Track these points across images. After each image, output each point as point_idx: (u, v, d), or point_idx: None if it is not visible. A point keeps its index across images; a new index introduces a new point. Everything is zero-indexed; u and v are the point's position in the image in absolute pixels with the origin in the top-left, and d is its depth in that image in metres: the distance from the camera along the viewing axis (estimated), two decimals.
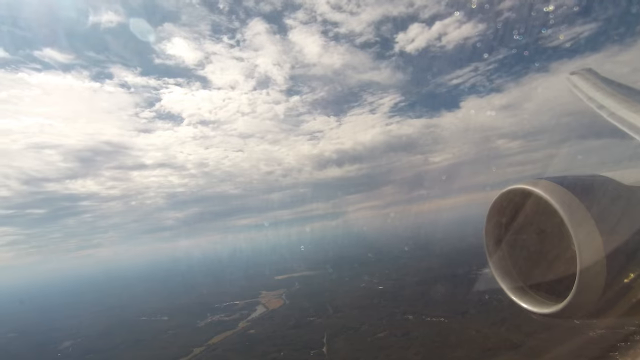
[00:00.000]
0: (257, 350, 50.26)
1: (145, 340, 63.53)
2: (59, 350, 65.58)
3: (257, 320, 66.97)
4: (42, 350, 66.70)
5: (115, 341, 65.35)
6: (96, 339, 68.71)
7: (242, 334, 59.90)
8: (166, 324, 72.89)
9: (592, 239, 2.20)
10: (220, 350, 53.52)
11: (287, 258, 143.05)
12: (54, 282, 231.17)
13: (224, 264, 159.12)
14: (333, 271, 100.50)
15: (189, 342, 59.07)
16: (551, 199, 2.37)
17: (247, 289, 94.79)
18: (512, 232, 2.88)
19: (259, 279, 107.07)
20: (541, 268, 2.76)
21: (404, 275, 79.29)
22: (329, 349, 47.32)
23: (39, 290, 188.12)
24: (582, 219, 2.25)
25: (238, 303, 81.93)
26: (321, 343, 49.69)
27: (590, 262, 2.19)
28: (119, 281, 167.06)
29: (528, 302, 2.68)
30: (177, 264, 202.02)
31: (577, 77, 7.85)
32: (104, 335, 69.88)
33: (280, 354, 47.91)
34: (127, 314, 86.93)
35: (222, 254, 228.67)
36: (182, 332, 65.80)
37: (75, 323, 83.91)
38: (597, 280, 2.22)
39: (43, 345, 68.94)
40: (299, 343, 50.74)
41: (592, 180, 2.64)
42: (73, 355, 62.16)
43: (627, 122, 5.09)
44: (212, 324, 69.41)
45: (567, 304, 2.31)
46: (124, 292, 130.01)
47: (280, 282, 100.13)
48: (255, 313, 72.46)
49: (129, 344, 62.66)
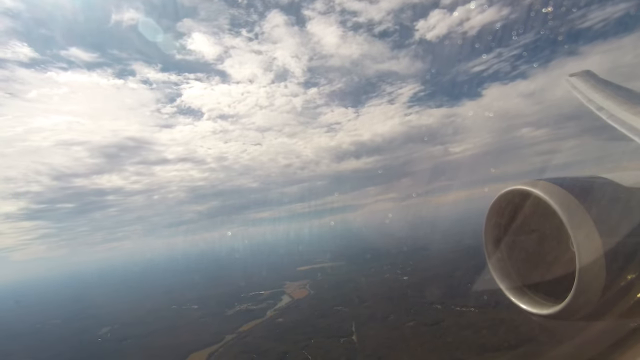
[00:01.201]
0: (287, 338, 51.53)
1: (178, 327, 66.21)
2: (98, 336, 69.37)
3: (284, 310, 68.52)
4: (83, 335, 70.72)
5: (150, 328, 68.49)
6: (131, 326, 72.23)
7: (271, 323, 61.50)
8: (196, 313, 75.68)
9: (591, 240, 2.20)
10: (251, 338, 55.23)
11: (307, 250, 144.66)
12: (84, 273, 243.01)
13: (245, 256, 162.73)
14: (355, 263, 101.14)
15: (220, 329, 61.20)
16: (550, 200, 2.35)
17: (271, 279, 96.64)
18: (511, 233, 2.88)
19: (282, 270, 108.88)
20: (540, 269, 2.76)
21: (429, 266, 78.70)
22: (359, 337, 47.96)
23: (71, 280, 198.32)
24: (582, 220, 2.25)
25: (263, 293, 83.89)
26: (350, 331, 50.41)
27: (589, 263, 2.19)
28: (145, 272, 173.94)
29: (527, 303, 2.65)
30: (199, 256, 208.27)
31: (576, 79, 7.88)
32: (139, 323, 73.34)
33: (310, 341, 48.94)
34: (158, 303, 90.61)
35: (242, 246, 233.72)
36: (213, 320, 68.19)
37: (109, 311, 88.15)
38: (597, 282, 2.21)
39: (84, 331, 73.09)
40: (328, 331, 51.62)
41: (592, 182, 2.64)
42: (112, 340, 65.67)
43: (626, 123, 5.08)
44: (240, 312, 71.52)
45: (566, 305, 2.30)
46: (151, 282, 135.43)
47: (303, 273, 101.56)
48: (282, 302, 74.06)
49: (163, 330, 65.53)
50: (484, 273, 3.20)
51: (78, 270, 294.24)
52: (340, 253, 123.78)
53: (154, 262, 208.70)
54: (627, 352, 2.58)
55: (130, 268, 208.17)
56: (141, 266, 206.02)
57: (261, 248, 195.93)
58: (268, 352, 47.93)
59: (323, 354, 44.77)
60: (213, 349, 52.90)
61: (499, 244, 2.92)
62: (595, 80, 7.44)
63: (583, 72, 8.08)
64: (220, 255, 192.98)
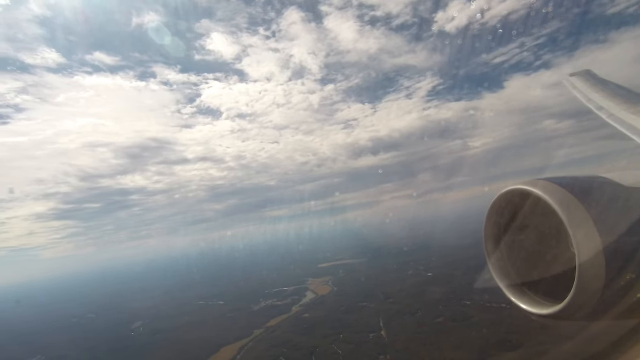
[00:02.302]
0: (316, 332, 52.35)
1: (207, 322, 68.29)
2: (131, 330, 72.35)
3: (309, 305, 69.43)
4: (117, 329, 73.89)
5: (180, 322, 70.87)
6: (162, 320, 74.87)
7: (297, 318, 62.50)
8: (223, 308, 77.73)
9: (591, 240, 2.18)
10: (279, 332, 56.36)
11: (326, 247, 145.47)
12: (111, 270, 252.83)
13: (265, 253, 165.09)
14: (376, 259, 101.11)
15: (248, 324, 62.72)
16: (550, 200, 2.33)
17: (293, 276, 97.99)
18: (511, 233, 2.84)
19: (303, 267, 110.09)
20: (540, 269, 2.73)
21: (453, 262, 77.74)
22: (388, 333, 48.17)
23: (99, 277, 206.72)
24: (581, 220, 2.23)
25: (287, 289, 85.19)
26: (378, 327, 50.66)
27: (589, 262, 2.17)
28: (168, 269, 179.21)
29: (527, 303, 2.63)
30: (219, 254, 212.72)
31: (576, 79, 7.83)
32: (168, 317, 75.94)
33: (339, 336, 49.56)
34: (185, 298, 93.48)
35: (262, 243, 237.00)
36: (240, 315, 69.91)
37: (139, 306, 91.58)
38: (596, 281, 2.19)
39: (118, 325, 76.37)
40: (356, 326, 52.10)
41: (591, 181, 2.61)
42: (145, 334, 68.40)
43: (626, 123, 5.04)
44: (266, 308, 72.98)
45: (565, 305, 2.28)
46: (175, 279, 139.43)
47: (325, 270, 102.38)
48: (306, 298, 75.05)
49: (193, 325, 67.68)
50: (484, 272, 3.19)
51: (105, 267, 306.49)
52: (359, 250, 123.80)
53: (176, 259, 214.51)
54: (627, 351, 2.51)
55: (153, 265, 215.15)
56: (164, 263, 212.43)
57: (280, 245, 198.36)
58: (298, 346, 48.84)
59: (353, 349, 45.28)
60: (243, 342, 54.35)
61: (498, 243, 2.89)
62: (595, 80, 7.45)
63: (583, 72, 8.09)
64: (240, 252, 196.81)
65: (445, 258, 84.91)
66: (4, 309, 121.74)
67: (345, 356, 43.59)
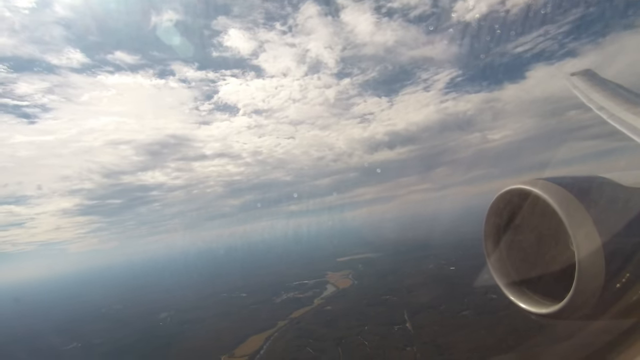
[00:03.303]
0: (340, 324, 53.05)
1: (232, 313, 70.12)
2: (159, 320, 75.02)
3: (331, 298, 70.20)
4: (145, 319, 76.79)
5: (206, 313, 72.96)
6: (188, 311, 77.20)
7: (320, 310, 63.38)
8: (246, 300, 79.49)
9: (590, 240, 2.17)
10: (304, 324, 57.38)
11: (344, 241, 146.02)
12: (134, 263, 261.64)
13: (283, 247, 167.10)
14: (395, 254, 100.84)
15: (272, 315, 64.04)
16: (550, 199, 2.32)
17: (312, 270, 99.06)
18: (511, 232, 2.83)
19: (321, 261, 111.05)
20: (539, 268, 2.71)
21: (476, 256, 76.38)
22: (413, 325, 48.36)
23: (123, 270, 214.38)
24: (581, 220, 2.21)
25: (307, 282, 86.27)
26: (403, 320, 50.88)
27: (588, 262, 2.16)
28: (189, 263, 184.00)
29: (526, 303, 2.61)
30: (238, 248, 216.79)
31: (577, 78, 7.73)
32: (194, 309, 78.25)
33: (364, 328, 50.08)
34: (208, 291, 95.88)
35: (279, 238, 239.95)
36: (263, 307, 71.41)
37: (164, 298, 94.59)
38: (596, 281, 2.18)
39: (146, 315, 79.32)
40: (380, 319, 52.47)
41: (591, 181, 2.59)
42: (173, 324, 70.78)
43: (626, 123, 4.99)
44: (288, 300, 74.26)
45: (565, 305, 2.27)
46: (197, 272, 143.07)
47: (343, 264, 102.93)
48: (327, 292, 75.87)
49: (219, 316, 69.65)
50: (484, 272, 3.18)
51: (127, 261, 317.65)
52: (377, 244, 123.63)
53: (195, 253, 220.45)
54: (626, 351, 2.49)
55: (173, 259, 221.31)
56: (184, 257, 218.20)
57: (297, 239, 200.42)
58: (323, 337, 49.69)
59: (379, 340, 45.74)
60: (269, 333, 55.62)
61: (498, 243, 2.89)
62: (595, 80, 7.41)
63: (584, 72, 8.04)
64: (258, 246, 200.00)
65: (467, 252, 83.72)
66: (39, 300, 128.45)
67: (372, 347, 44.09)
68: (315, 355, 44.48)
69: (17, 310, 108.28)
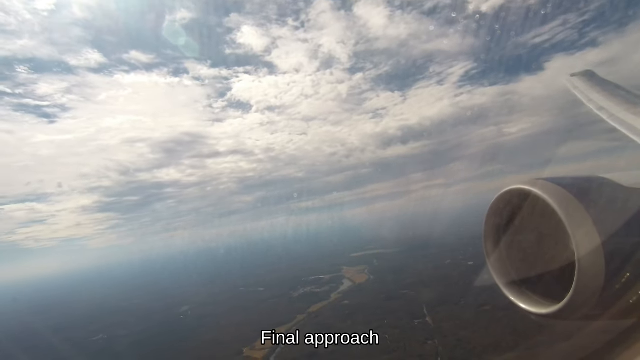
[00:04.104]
0: (359, 318, 53.38)
1: (250, 307, 71.28)
2: (180, 314, 76.96)
3: (347, 293, 70.61)
4: (166, 313, 78.86)
5: (225, 307, 74.50)
6: (207, 305, 78.91)
7: (338, 304, 63.87)
8: (263, 294, 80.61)
9: (590, 240, 2.17)
10: (322, 318, 57.96)
11: (358, 237, 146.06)
12: (151, 259, 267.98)
13: (296, 243, 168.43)
14: (409, 249, 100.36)
15: (290, 310, 64.89)
16: (550, 199, 2.33)
17: (328, 265, 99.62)
18: (510, 233, 2.85)
19: (336, 256, 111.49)
20: (539, 269, 2.72)
21: None
22: (434, 319, 48.28)
23: (141, 265, 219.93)
24: (581, 220, 2.22)
25: (323, 277, 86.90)
26: (422, 314, 50.84)
27: (588, 262, 2.17)
28: (205, 259, 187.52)
29: (526, 303, 2.63)
30: (252, 244, 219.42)
31: (577, 79, 7.77)
32: (213, 303, 79.94)
33: (384, 321, 50.25)
34: (225, 285, 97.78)
35: (292, 234, 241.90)
36: (281, 301, 72.36)
37: (183, 292, 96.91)
38: (596, 281, 2.18)
39: (166, 309, 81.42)
40: (399, 313, 52.54)
41: (591, 182, 2.61)
42: (193, 317, 72.50)
43: (626, 123, 5.00)
44: (305, 295, 74.99)
45: (565, 305, 2.28)
46: (213, 268, 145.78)
47: (358, 259, 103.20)
48: (344, 286, 76.29)
49: (238, 310, 70.95)
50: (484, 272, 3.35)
51: (145, 257, 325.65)
52: (391, 240, 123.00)
53: (210, 249, 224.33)
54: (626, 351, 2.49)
55: (189, 255, 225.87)
56: (199, 253, 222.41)
57: (310, 235, 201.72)
58: (343, 330, 49.93)
59: (399, 334, 45.87)
60: (288, 327, 56.39)
61: (498, 243, 2.93)
62: (595, 80, 7.43)
63: (584, 72, 8.05)
64: (271, 242, 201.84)
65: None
66: (64, 294, 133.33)
67: (393, 341, 44.25)
68: (336, 348, 44.82)
69: (44, 303, 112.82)
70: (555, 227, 2.34)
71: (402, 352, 41.15)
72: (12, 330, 76.54)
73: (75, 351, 59.39)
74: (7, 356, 57.88)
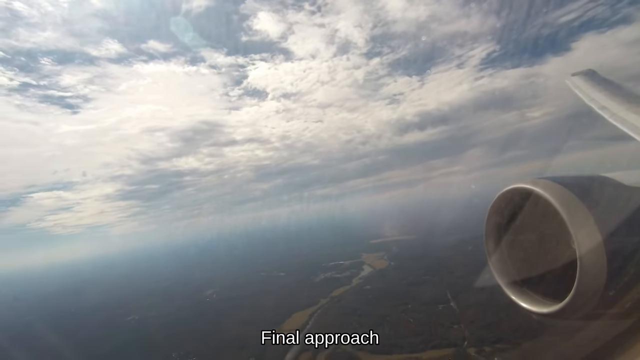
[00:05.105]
0: (382, 303, 54.03)
1: (273, 291, 73.15)
2: (206, 297, 79.95)
3: (369, 278, 71.40)
4: (192, 296, 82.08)
5: (248, 291, 76.71)
6: (231, 289, 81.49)
7: (360, 289, 64.76)
8: (285, 279, 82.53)
9: (592, 239, 2.15)
10: (345, 302, 59.01)
11: (375, 224, 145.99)
12: (172, 245, 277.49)
13: (314, 230, 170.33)
14: (429, 236, 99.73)
15: (313, 294, 66.26)
16: (552, 199, 2.32)
17: (347, 251, 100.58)
18: (512, 232, 2.82)
19: (355, 243, 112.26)
20: (540, 268, 2.71)
21: None
22: (458, 305, 48.38)
23: (163, 251, 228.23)
24: (583, 219, 2.20)
25: (343, 263, 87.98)
26: (446, 299, 51.00)
27: (590, 262, 2.15)
28: (224, 245, 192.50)
29: (527, 302, 2.63)
30: (270, 231, 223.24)
31: (578, 78, 7.79)
32: (237, 286, 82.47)
33: (407, 306, 50.80)
34: (247, 270, 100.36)
35: (309, 221, 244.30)
36: (303, 285, 73.96)
37: (207, 276, 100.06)
38: (597, 281, 2.17)
39: (193, 292, 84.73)
40: (423, 298, 52.83)
41: (593, 181, 2.59)
42: (219, 300, 75.24)
43: (628, 123, 4.98)
44: (326, 280, 76.34)
45: (566, 304, 2.27)
46: (233, 253, 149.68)
47: (377, 246, 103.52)
48: (364, 272, 77.15)
49: (261, 294, 72.94)
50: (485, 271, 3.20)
51: (166, 243, 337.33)
52: (410, 227, 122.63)
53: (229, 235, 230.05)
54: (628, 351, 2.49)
55: (210, 241, 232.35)
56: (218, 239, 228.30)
57: (328, 222, 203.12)
58: (367, 314, 50.93)
59: (424, 318, 46.32)
60: (312, 310, 57.79)
61: (499, 242, 2.93)
62: (597, 80, 7.42)
63: (585, 72, 8.04)
64: (289, 229, 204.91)
65: None
66: (94, 278, 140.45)
67: (418, 325, 44.78)
68: (362, 331, 45.73)
69: (79, 286, 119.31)
70: (556, 226, 2.37)
71: (428, 336, 41.57)
72: (60, 310, 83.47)
73: (114, 330, 63.31)
74: (64, 330, 63.90)
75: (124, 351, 53.10)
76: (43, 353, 51.70)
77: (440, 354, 38.20)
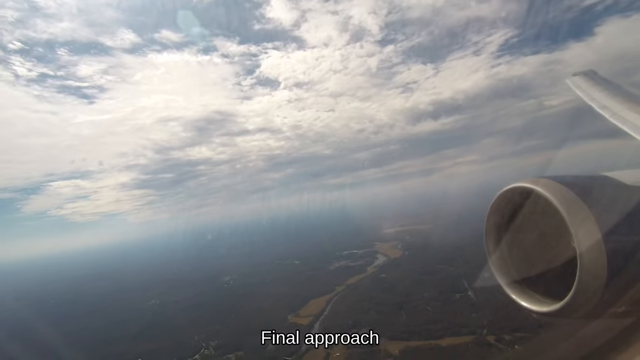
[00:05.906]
0: (398, 291, 54.66)
1: (289, 278, 74.70)
2: (223, 282, 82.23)
3: (383, 267, 71.97)
4: (210, 282, 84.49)
5: (265, 278, 78.41)
6: (248, 276, 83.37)
7: (375, 278, 65.45)
8: (300, 267, 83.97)
9: (592, 238, 2.15)
10: (361, 290, 59.84)
11: (388, 213, 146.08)
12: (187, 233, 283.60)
13: (326, 219, 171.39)
14: (443, 225, 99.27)
15: (329, 281, 67.39)
16: (552, 198, 2.31)
17: (361, 240, 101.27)
18: (512, 231, 2.81)
19: (368, 232, 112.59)
20: (541, 267, 2.70)
21: None
22: (476, 294, 48.42)
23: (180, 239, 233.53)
24: (583, 218, 2.20)
25: (357, 252, 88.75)
26: (463, 288, 51.02)
27: (590, 261, 2.15)
28: (238, 234, 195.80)
29: (528, 301, 2.62)
30: (282, 220, 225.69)
31: (578, 78, 7.84)
32: (253, 274, 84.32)
33: (424, 294, 51.17)
34: (262, 258, 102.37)
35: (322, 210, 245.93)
36: (318, 273, 75.18)
37: (224, 263, 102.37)
38: (597, 280, 2.17)
39: (212, 278, 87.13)
40: (439, 287, 53.11)
41: (593, 180, 2.59)
42: (236, 286, 77.19)
43: (628, 122, 5.01)
44: (341, 268, 77.32)
45: (566, 303, 2.26)
46: (247, 242, 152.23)
47: (391, 235, 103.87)
48: (379, 261, 77.78)
49: (278, 281, 74.48)
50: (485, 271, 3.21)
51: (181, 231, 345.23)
52: (423, 216, 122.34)
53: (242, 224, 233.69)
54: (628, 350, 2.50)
55: (223, 229, 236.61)
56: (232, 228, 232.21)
57: (340, 212, 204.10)
58: (383, 301, 51.63)
59: (441, 306, 46.69)
60: (328, 297, 58.89)
61: (499, 241, 2.93)
62: (597, 79, 7.47)
63: (586, 71, 8.08)
64: (301, 218, 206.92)
65: None
66: (115, 264, 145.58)
67: (435, 313, 45.20)
68: (380, 318, 46.57)
69: (101, 272, 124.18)
70: (557, 225, 2.39)
71: (446, 323, 41.95)
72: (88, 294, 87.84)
73: (138, 313, 66.05)
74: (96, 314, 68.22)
75: (149, 332, 55.50)
76: (81, 330, 57.30)
77: (459, 341, 38.59)
